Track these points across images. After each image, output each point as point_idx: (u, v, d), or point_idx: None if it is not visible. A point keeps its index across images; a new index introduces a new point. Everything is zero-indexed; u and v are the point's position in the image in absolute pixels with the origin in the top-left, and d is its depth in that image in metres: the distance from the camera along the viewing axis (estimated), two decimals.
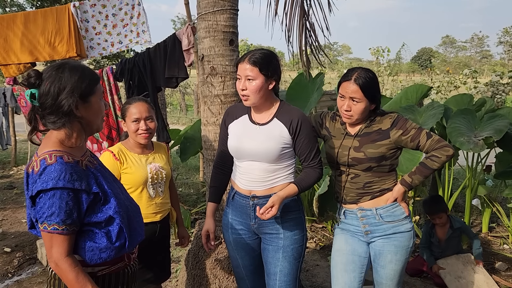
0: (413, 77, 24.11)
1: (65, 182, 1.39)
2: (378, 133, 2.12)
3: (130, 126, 2.37)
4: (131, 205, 1.67)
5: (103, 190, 1.52)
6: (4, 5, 9.33)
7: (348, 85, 2.08)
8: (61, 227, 1.40)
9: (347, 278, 2.24)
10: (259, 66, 1.99)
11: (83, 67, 1.53)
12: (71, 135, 1.50)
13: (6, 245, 4.59)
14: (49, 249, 1.43)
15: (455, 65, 38.94)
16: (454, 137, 3.74)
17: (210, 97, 2.79)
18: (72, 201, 1.41)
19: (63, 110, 1.44)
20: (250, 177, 2.12)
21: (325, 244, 4.46)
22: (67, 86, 1.44)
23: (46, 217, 1.40)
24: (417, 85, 4.90)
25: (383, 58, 14.85)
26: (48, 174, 1.39)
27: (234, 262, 2.33)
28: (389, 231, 2.15)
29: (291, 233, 2.14)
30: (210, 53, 2.75)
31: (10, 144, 8.43)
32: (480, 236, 4.62)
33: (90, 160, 1.59)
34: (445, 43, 72.79)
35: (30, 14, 4.61)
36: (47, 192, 1.39)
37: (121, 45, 4.50)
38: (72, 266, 1.44)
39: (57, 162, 1.41)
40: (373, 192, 2.16)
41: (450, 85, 13.97)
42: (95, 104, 1.54)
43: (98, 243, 1.50)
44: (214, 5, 2.71)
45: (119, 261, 1.63)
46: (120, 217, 1.52)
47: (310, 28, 3.74)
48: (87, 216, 1.48)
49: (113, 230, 1.52)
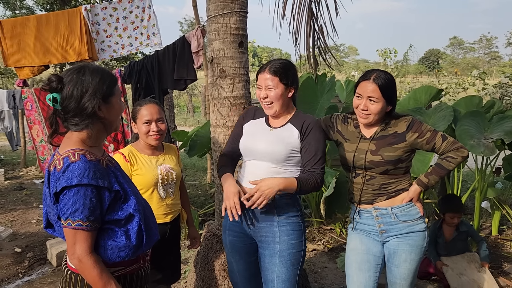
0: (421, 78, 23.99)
1: (89, 179, 1.42)
2: (394, 136, 2.14)
3: (141, 127, 2.39)
4: (146, 205, 1.72)
5: (123, 188, 1.55)
6: (13, 7, 9.43)
7: (366, 84, 2.11)
8: (85, 223, 1.43)
9: (362, 277, 2.25)
10: (279, 76, 2.07)
11: (102, 69, 1.57)
12: (92, 136, 1.55)
13: (17, 245, 4.63)
14: (72, 246, 1.45)
15: (463, 67, 38.70)
16: (464, 140, 3.72)
17: (220, 99, 2.80)
18: (95, 198, 1.45)
19: (87, 112, 1.49)
20: (254, 177, 2.11)
21: (333, 246, 4.45)
22: (89, 88, 1.48)
23: (70, 213, 1.42)
24: (426, 87, 4.87)
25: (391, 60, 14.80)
26: (72, 171, 1.42)
27: (230, 266, 2.34)
28: (404, 230, 2.17)
29: (288, 238, 2.11)
30: (219, 55, 2.77)
31: (20, 145, 8.51)
32: (489, 239, 4.58)
33: (109, 159, 1.63)
34: (453, 44, 72.38)
35: (42, 17, 4.68)
36: (71, 188, 1.42)
37: (131, 48, 4.54)
38: (96, 263, 1.47)
39: (80, 160, 1.44)
40: (389, 192, 2.19)
41: (459, 87, 13.87)
42: (115, 105, 1.59)
43: (118, 241, 1.53)
44: (224, 8, 2.72)
45: (135, 263, 1.65)
46: (140, 215, 1.56)
47: (319, 30, 3.74)
48: (107, 214, 1.51)
49: (132, 228, 1.56)
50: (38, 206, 6.26)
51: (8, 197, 6.73)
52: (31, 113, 4.84)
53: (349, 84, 5.26)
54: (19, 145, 8.50)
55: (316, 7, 3.69)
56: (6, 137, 8.34)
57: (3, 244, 4.68)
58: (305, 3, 3.64)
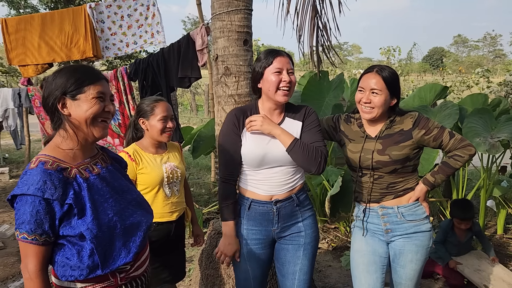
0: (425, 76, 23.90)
1: (35, 190, 1.32)
2: (401, 134, 2.09)
3: (156, 124, 2.36)
4: (127, 221, 1.52)
5: (80, 202, 1.40)
6: (18, 6, 9.45)
7: (369, 76, 2.07)
8: (30, 236, 1.33)
9: (370, 279, 2.21)
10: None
11: (76, 68, 1.48)
12: (66, 137, 1.46)
13: None
14: (24, 258, 1.37)
15: (468, 65, 38.53)
16: (470, 138, 3.70)
17: (224, 97, 2.79)
18: (43, 210, 1.33)
19: (49, 105, 1.44)
20: (271, 183, 2.06)
21: (338, 245, 4.44)
22: (55, 86, 1.43)
23: (18, 224, 1.34)
24: (430, 84, 4.85)
25: (394, 58, 14.75)
26: (26, 179, 1.35)
27: (244, 275, 2.19)
28: (410, 230, 2.13)
29: (311, 231, 2.15)
30: (224, 53, 2.75)
31: (24, 144, 8.54)
32: (494, 238, 4.56)
33: (88, 169, 1.49)
34: (457, 42, 72.10)
35: (47, 16, 4.68)
36: (20, 197, 1.34)
37: (136, 46, 4.54)
38: (44, 285, 1.37)
39: (36, 168, 1.36)
40: (397, 191, 2.15)
41: (463, 85, 13.81)
42: (84, 102, 1.44)
43: (69, 259, 1.41)
44: (229, 5, 2.71)
45: (104, 280, 1.48)
46: (92, 236, 1.38)
47: (322, 28, 3.73)
48: (61, 228, 1.39)
49: (85, 248, 1.41)
50: None
51: None
52: (40, 109, 4.87)
53: (354, 83, 5.25)
54: (24, 144, 8.52)
55: (320, 4, 3.67)
56: (11, 135, 8.37)
57: (7, 243, 4.70)
58: (309, 1, 3.63)
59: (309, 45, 3.76)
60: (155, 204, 2.36)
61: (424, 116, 2.12)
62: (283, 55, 2.02)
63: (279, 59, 1.99)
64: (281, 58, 2.00)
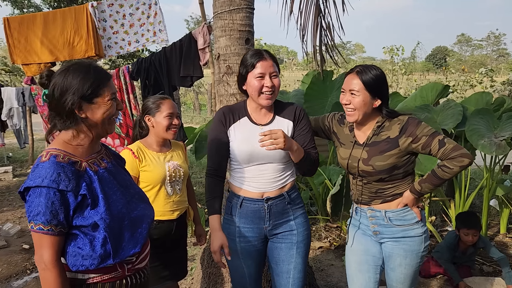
0: (428, 76, 23.83)
1: (49, 182, 1.35)
2: (387, 142, 2.00)
3: (162, 121, 2.39)
4: (133, 213, 1.57)
5: (93, 194, 1.45)
6: (21, 6, 9.49)
7: (349, 77, 2.03)
8: (46, 227, 1.36)
9: (362, 279, 2.20)
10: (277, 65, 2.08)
11: (89, 68, 1.49)
12: (77, 136, 1.49)
13: (25, 242, 4.67)
14: (39, 249, 1.40)
15: (471, 64, 38.38)
16: (475, 141, 3.66)
17: (226, 96, 2.80)
18: (58, 201, 1.37)
19: (65, 111, 1.43)
20: (261, 179, 2.09)
21: (340, 244, 4.44)
22: (69, 87, 1.43)
23: (33, 215, 1.37)
24: (432, 84, 4.83)
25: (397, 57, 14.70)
26: (38, 171, 1.37)
27: (239, 273, 2.21)
28: (397, 235, 2.09)
29: (303, 229, 2.16)
30: (226, 52, 2.76)
31: (28, 142, 8.57)
32: (497, 237, 4.55)
33: (96, 163, 1.53)
34: (461, 41, 71.84)
35: (49, 15, 4.70)
36: (34, 189, 1.37)
37: (138, 44, 4.55)
38: (60, 275, 1.40)
39: (49, 161, 1.39)
40: (385, 196, 2.10)
41: (466, 84, 13.75)
42: (102, 105, 1.49)
43: (82, 249, 1.44)
44: (230, 4, 2.71)
45: (112, 271, 1.53)
46: (105, 225, 1.44)
47: (326, 27, 3.72)
48: (75, 218, 1.43)
49: (98, 237, 1.45)
50: None
51: (16, 194, 6.78)
52: (44, 108, 4.89)
53: None
54: (27, 143, 8.56)
55: (324, 4, 3.67)
56: (14, 134, 8.40)
57: (11, 241, 4.72)
58: (313, 0, 3.63)
59: (313, 44, 3.76)
60: (156, 202, 2.36)
61: (414, 120, 1.99)
62: (265, 59, 2.02)
63: (261, 64, 2.01)
64: (263, 63, 2.01)
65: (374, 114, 2.06)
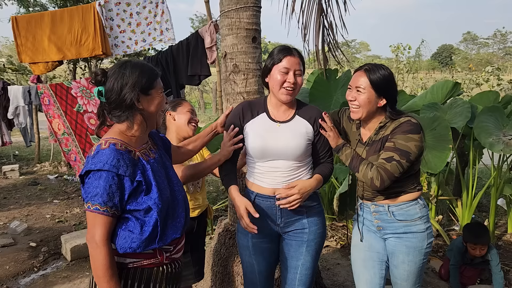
0: (434, 74, 23.70)
1: (110, 166, 1.48)
2: (381, 141, 2.03)
3: (184, 115, 2.47)
4: (175, 202, 1.71)
5: (147, 180, 1.58)
6: (27, 5, 9.51)
7: (357, 74, 2.05)
8: (102, 208, 1.48)
9: (367, 275, 2.21)
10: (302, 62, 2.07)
11: (143, 64, 1.64)
12: (131, 127, 1.62)
13: (32, 240, 4.69)
14: (91, 228, 1.51)
15: (477, 62, 38.14)
16: (483, 139, 3.63)
17: (233, 94, 2.79)
18: (115, 185, 1.50)
19: (126, 103, 1.57)
20: (274, 176, 2.10)
21: (346, 243, 4.42)
22: (129, 81, 1.57)
23: (91, 196, 1.49)
24: (443, 82, 4.80)
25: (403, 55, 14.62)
26: (99, 157, 1.50)
27: (249, 268, 2.24)
28: (400, 230, 2.09)
29: (316, 228, 2.15)
30: (233, 50, 2.75)
31: (34, 141, 8.61)
32: (505, 237, 4.52)
33: (146, 153, 1.67)
34: (466, 39, 71.34)
35: (57, 13, 4.72)
36: (95, 173, 1.49)
37: (145, 43, 4.56)
38: (109, 254, 1.51)
39: (109, 148, 1.52)
40: (388, 193, 2.10)
41: (472, 83, 13.67)
42: (156, 97, 1.65)
43: (132, 231, 1.56)
44: (237, 2, 2.70)
45: (151, 257, 1.64)
46: (158, 210, 1.57)
47: (328, 26, 3.70)
48: (128, 203, 1.55)
49: (148, 221, 1.57)
50: (52, 201, 6.33)
51: (22, 192, 6.82)
52: (49, 107, 4.90)
53: None
54: (33, 141, 8.59)
55: (326, 2, 3.64)
56: (20, 133, 8.44)
57: (18, 239, 4.74)
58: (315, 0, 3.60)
59: (315, 43, 3.73)
60: None
61: (407, 127, 1.96)
62: (293, 55, 2.03)
63: (288, 59, 2.01)
64: (290, 58, 2.01)
65: (378, 113, 2.07)
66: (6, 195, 6.67)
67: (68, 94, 4.70)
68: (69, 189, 7.06)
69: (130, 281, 1.59)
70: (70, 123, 4.79)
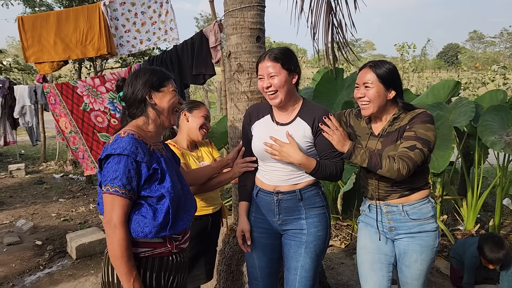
0: (439, 73, 23.58)
1: (130, 152, 1.57)
2: (398, 131, 2.03)
3: (198, 119, 2.49)
4: (185, 195, 1.78)
5: (162, 170, 1.67)
6: (33, 5, 9.55)
7: (362, 71, 2.07)
8: (121, 190, 1.55)
9: (375, 277, 2.20)
10: (281, 62, 2.02)
11: (155, 68, 1.81)
12: (147, 122, 1.74)
13: (37, 238, 4.73)
14: (110, 212, 1.56)
15: (483, 61, 37.89)
16: (485, 136, 3.63)
17: (237, 94, 2.79)
18: (134, 170, 1.58)
19: (138, 98, 1.72)
20: (275, 174, 2.14)
21: (350, 242, 4.42)
22: (140, 81, 1.73)
23: (110, 180, 1.56)
24: (443, 81, 4.79)
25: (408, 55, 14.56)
26: (118, 143, 1.59)
27: (250, 262, 2.29)
28: (414, 229, 2.09)
29: (315, 230, 2.13)
30: (237, 49, 2.75)
31: (40, 140, 8.66)
32: (510, 237, 4.49)
33: (159, 149, 1.77)
34: (473, 38, 70.89)
35: (62, 13, 4.74)
36: (114, 157, 1.57)
37: (149, 43, 4.58)
38: (127, 237, 1.57)
39: (127, 136, 1.62)
40: (402, 190, 2.10)
41: (478, 82, 13.58)
42: (167, 93, 1.77)
43: (145, 216, 1.62)
44: (242, 2, 2.70)
45: (162, 246, 1.70)
46: (170, 198, 1.64)
47: (337, 25, 3.69)
48: (143, 189, 1.62)
49: (160, 208, 1.64)
50: (58, 200, 6.37)
51: (28, 191, 6.87)
52: (55, 106, 4.94)
53: None
54: (39, 140, 8.65)
55: (335, 1, 3.64)
56: (27, 132, 8.50)
57: (24, 237, 4.78)
58: None
59: (324, 42, 3.73)
60: None
61: (424, 117, 1.98)
62: (263, 60, 2.05)
63: (260, 66, 2.07)
64: (261, 64, 2.06)
65: (389, 106, 2.08)
66: (12, 193, 6.72)
67: (74, 93, 4.72)
68: (74, 188, 7.10)
69: (142, 270, 1.65)
70: (77, 121, 4.82)
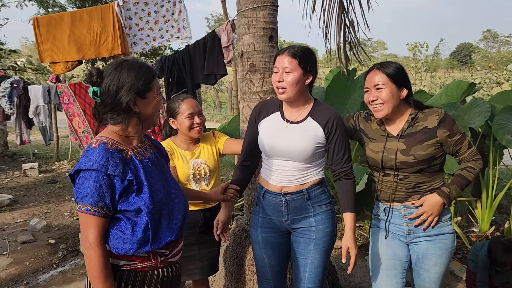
0: (452, 73, 23.32)
1: (99, 166, 1.43)
2: (424, 132, 2.01)
3: (183, 122, 2.42)
4: (170, 202, 1.65)
5: (138, 180, 1.53)
6: (46, 5, 9.67)
7: (371, 74, 2.04)
8: (93, 208, 1.44)
9: (390, 284, 2.16)
10: (298, 59, 1.99)
11: (140, 65, 1.58)
12: (126, 129, 1.58)
13: (51, 236, 4.78)
14: (84, 229, 1.47)
15: (498, 61, 37.35)
16: (500, 135, 3.58)
17: (249, 93, 2.79)
18: (106, 184, 1.45)
19: (122, 107, 1.52)
20: (281, 174, 2.12)
21: (362, 243, 4.38)
22: (125, 84, 1.51)
23: (81, 197, 1.45)
24: (457, 82, 4.73)
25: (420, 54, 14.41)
26: (89, 156, 1.46)
27: (260, 262, 2.29)
28: (432, 232, 2.06)
29: (323, 226, 2.14)
30: (249, 49, 2.75)
31: (53, 139, 8.76)
32: None
33: (141, 152, 1.62)
34: (486, 37, 69.94)
35: (76, 14, 4.80)
36: (84, 172, 1.45)
37: (162, 40, 4.62)
38: (103, 255, 1.47)
39: (98, 147, 1.48)
40: (423, 191, 2.07)
41: (492, 82, 13.38)
42: (153, 99, 1.60)
43: (123, 232, 1.52)
44: (254, 2, 2.70)
45: (145, 260, 1.59)
46: (148, 211, 1.51)
47: (350, 25, 3.66)
48: (120, 203, 1.50)
49: (140, 222, 1.52)
50: (71, 199, 6.43)
51: (42, 190, 6.95)
52: (69, 106, 5.00)
53: None
54: (52, 140, 8.74)
55: (348, 1, 3.61)
56: (40, 131, 8.60)
57: (38, 236, 4.83)
58: None
59: (336, 42, 3.71)
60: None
61: (450, 116, 2.04)
62: (281, 53, 2.02)
63: (278, 59, 2.04)
64: (279, 58, 2.03)
65: (403, 106, 2.06)
66: (26, 192, 6.80)
67: (87, 93, 4.77)
68: None
69: (123, 283, 1.55)
70: (89, 121, 4.86)
